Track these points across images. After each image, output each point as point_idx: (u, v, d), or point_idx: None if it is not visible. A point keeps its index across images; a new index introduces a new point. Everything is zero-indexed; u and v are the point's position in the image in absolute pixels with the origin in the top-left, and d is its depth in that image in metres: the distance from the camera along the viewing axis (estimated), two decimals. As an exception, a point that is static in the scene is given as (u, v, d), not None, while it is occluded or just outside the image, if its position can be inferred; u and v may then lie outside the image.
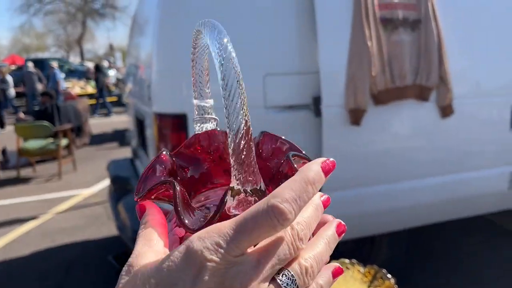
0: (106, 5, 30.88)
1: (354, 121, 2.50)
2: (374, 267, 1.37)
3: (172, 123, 2.38)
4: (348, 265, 1.38)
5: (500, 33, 2.88)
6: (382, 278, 1.32)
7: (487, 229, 3.95)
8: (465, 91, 2.76)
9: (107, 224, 4.36)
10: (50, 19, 31.59)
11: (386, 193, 2.73)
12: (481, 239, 3.83)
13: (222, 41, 0.35)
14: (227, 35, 0.35)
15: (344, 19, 2.49)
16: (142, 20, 3.18)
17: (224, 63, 0.35)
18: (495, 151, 2.97)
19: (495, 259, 3.48)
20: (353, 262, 1.40)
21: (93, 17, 31.60)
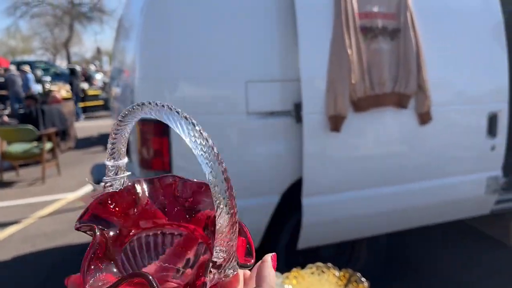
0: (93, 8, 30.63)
1: (334, 128, 2.52)
2: (349, 271, 1.39)
3: (154, 128, 2.38)
4: (323, 268, 1.40)
5: (477, 43, 2.92)
6: (356, 282, 1.34)
7: (466, 234, 4.01)
8: (443, 99, 2.80)
9: (91, 228, 4.32)
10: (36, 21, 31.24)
11: (365, 199, 2.75)
12: (460, 244, 3.88)
13: (204, 138, 0.33)
14: (199, 125, 0.33)
15: (325, 27, 2.52)
16: (128, 24, 3.17)
17: (213, 164, 0.33)
18: (473, 158, 3.01)
19: (475, 264, 3.52)
20: (329, 265, 1.42)
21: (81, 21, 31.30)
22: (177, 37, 2.41)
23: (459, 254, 3.71)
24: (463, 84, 2.91)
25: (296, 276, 1.37)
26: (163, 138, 2.38)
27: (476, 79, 2.94)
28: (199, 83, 2.47)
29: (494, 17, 2.96)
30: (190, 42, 2.41)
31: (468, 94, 2.93)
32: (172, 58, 2.41)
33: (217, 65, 2.44)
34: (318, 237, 2.73)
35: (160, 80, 2.43)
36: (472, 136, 2.97)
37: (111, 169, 0.42)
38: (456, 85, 2.88)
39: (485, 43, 2.94)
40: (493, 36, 2.96)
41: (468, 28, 2.90)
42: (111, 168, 0.42)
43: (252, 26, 2.50)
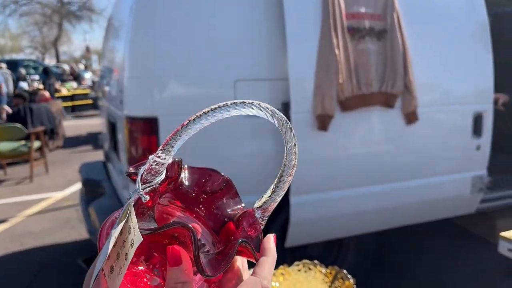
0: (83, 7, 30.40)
1: (322, 127, 2.54)
2: (335, 268, 1.39)
3: (143, 126, 2.38)
4: (310, 265, 1.40)
5: (462, 44, 2.96)
6: (342, 279, 1.35)
7: (452, 233, 4.04)
8: (429, 99, 2.83)
9: (78, 227, 4.30)
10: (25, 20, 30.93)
11: (352, 197, 2.77)
12: (447, 243, 3.92)
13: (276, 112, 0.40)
14: None
15: (313, 27, 2.54)
16: (117, 23, 3.16)
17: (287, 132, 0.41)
18: (458, 157, 3.04)
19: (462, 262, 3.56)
20: (316, 263, 1.42)
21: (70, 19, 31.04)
22: (166, 37, 2.41)
23: (445, 252, 3.75)
24: (449, 85, 2.94)
25: (283, 273, 1.38)
26: (152, 136, 2.38)
27: (462, 80, 2.97)
28: (188, 82, 2.47)
29: (479, 19, 2.99)
30: (179, 42, 2.42)
31: (454, 95, 2.96)
32: (161, 57, 2.41)
33: (206, 65, 2.44)
34: (306, 235, 2.75)
35: (149, 79, 2.43)
36: (458, 136, 3.01)
37: (162, 163, 0.39)
38: (442, 85, 2.92)
39: (470, 44, 2.98)
40: (478, 38, 2.99)
41: (454, 29, 2.93)
42: (162, 162, 0.39)
43: (241, 25, 2.51)
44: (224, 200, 0.44)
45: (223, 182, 0.45)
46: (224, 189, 0.45)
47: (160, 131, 2.36)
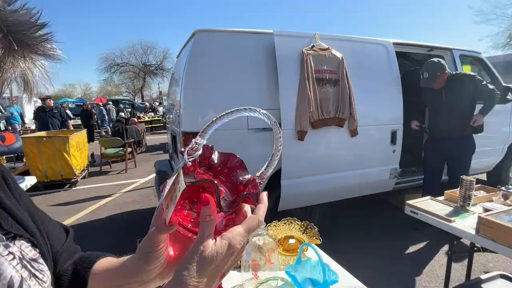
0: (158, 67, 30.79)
1: (300, 138, 2.53)
2: (306, 222, 1.38)
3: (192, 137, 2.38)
4: (291, 220, 1.39)
5: (384, 88, 2.95)
6: (310, 228, 1.33)
7: (379, 203, 4.02)
8: (365, 122, 2.80)
9: (154, 199, 4.32)
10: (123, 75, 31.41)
11: (319, 180, 2.75)
12: (375, 209, 3.90)
13: (265, 114, 0.42)
14: None
15: (294, 79, 2.53)
16: (177, 77, 3.18)
17: (275, 128, 0.43)
18: (382, 157, 3.01)
19: (382, 221, 3.53)
20: (295, 219, 1.41)
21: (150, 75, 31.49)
22: (204, 85, 2.40)
23: (374, 215, 3.72)
24: (376, 113, 2.92)
25: (275, 225, 1.36)
26: (197, 142, 2.38)
27: (384, 110, 2.96)
28: (217, 111, 2.44)
29: (394, 74, 3.00)
30: (212, 89, 2.41)
31: (379, 119, 2.94)
32: (202, 97, 2.41)
33: (229, 101, 2.41)
34: (290, 204, 2.72)
35: (195, 110, 2.42)
36: (382, 144, 2.98)
37: (199, 143, 0.42)
38: (372, 113, 2.89)
39: (389, 89, 2.97)
40: (394, 86, 2.99)
41: (379, 80, 2.92)
42: (199, 142, 0.42)
43: (251, 77, 2.51)
44: (238, 172, 0.45)
45: (237, 162, 0.45)
46: (238, 165, 0.45)
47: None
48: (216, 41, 2.46)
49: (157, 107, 18.26)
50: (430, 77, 2.88)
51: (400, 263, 2.62)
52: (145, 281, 0.46)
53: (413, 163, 3.81)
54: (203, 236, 0.37)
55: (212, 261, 0.37)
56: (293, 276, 0.95)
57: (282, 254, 1.15)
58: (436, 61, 2.90)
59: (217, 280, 0.39)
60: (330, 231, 3.10)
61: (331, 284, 0.93)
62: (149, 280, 0.46)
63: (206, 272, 0.37)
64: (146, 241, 0.43)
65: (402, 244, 2.95)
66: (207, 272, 0.37)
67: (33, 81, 0.36)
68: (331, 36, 2.79)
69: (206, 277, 0.37)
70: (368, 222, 3.50)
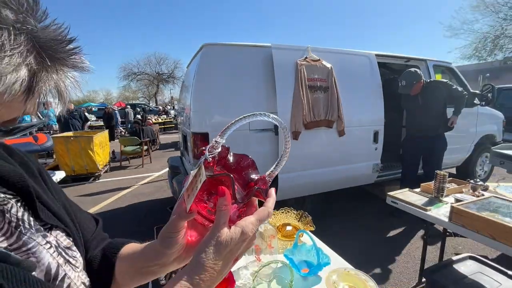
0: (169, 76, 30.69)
1: (295, 138, 2.52)
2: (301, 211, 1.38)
3: (200, 137, 2.36)
4: (288, 210, 1.38)
5: (367, 94, 2.93)
6: (305, 217, 1.32)
7: (363, 194, 4.01)
8: (351, 123, 2.79)
9: (167, 191, 4.30)
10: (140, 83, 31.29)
11: (311, 174, 2.74)
12: (359, 199, 3.89)
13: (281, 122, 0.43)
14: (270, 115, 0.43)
15: (290, 86, 2.52)
16: (187, 83, 3.16)
17: (285, 132, 0.44)
18: (366, 154, 3.00)
19: (365, 209, 3.52)
20: (291, 208, 1.40)
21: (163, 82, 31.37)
22: (212, 91, 2.38)
23: (358, 205, 3.71)
24: (361, 115, 2.90)
25: (274, 214, 1.35)
26: (205, 142, 2.36)
27: (367, 114, 2.94)
28: (223, 114, 2.43)
29: (376, 81, 2.98)
30: (218, 94, 2.39)
31: (363, 121, 2.92)
32: (209, 102, 2.39)
33: (233, 106, 2.41)
34: (286, 194, 2.71)
35: (203, 113, 2.40)
36: (365, 142, 2.97)
37: (219, 142, 0.41)
38: (357, 116, 2.87)
39: (372, 95, 2.95)
40: (375, 92, 2.97)
41: (363, 86, 2.90)
42: (219, 141, 0.41)
43: (252, 84, 2.48)
44: (249, 171, 0.44)
45: (250, 162, 0.44)
46: (249, 165, 0.44)
47: (210, 140, 2.36)
48: (221, 53, 2.44)
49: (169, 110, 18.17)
50: (407, 85, 2.89)
51: (381, 246, 2.61)
52: (165, 264, 0.46)
53: (392, 159, 3.80)
54: (219, 223, 0.38)
55: (227, 246, 0.37)
56: (291, 259, 0.95)
57: (281, 239, 1.14)
58: (413, 71, 2.89)
59: (231, 264, 0.39)
60: (320, 219, 3.09)
61: (324, 266, 0.92)
62: (168, 264, 0.46)
63: (221, 255, 0.37)
64: (167, 227, 0.43)
65: (382, 230, 2.94)
66: (222, 255, 0.37)
67: (66, 91, 0.35)
68: (321, 49, 2.77)
69: (221, 260, 0.37)
70: (352, 210, 3.49)
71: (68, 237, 0.46)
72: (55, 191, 0.50)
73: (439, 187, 1.75)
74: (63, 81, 0.34)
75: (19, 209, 0.40)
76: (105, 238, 0.58)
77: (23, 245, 0.38)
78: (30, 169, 0.47)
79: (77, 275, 0.44)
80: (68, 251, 0.44)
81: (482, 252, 2.35)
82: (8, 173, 0.41)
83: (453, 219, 1.44)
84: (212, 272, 0.36)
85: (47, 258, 0.40)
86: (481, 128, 3.92)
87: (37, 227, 0.41)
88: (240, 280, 0.88)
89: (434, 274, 1.50)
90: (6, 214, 0.38)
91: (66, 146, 4.95)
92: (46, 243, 0.41)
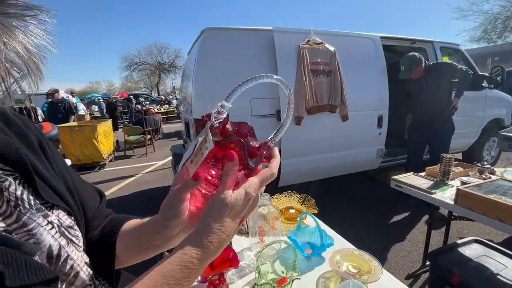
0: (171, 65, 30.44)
1: (297, 123, 2.49)
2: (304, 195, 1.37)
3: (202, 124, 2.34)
4: (291, 194, 1.38)
5: (372, 78, 2.86)
6: (308, 200, 1.31)
7: (366, 179, 4.00)
8: (354, 107, 2.74)
9: (170, 179, 4.33)
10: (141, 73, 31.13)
11: (314, 160, 2.71)
12: (363, 184, 3.88)
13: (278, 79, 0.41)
14: None
15: (292, 69, 2.47)
16: (188, 72, 3.11)
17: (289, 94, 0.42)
18: (369, 139, 2.96)
19: (370, 193, 3.51)
20: (294, 192, 1.40)
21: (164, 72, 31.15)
22: (212, 78, 2.34)
23: (363, 190, 3.70)
24: (365, 100, 2.84)
25: (277, 197, 1.35)
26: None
27: (371, 98, 2.88)
28: None
29: (381, 65, 2.90)
30: (220, 80, 2.35)
31: (367, 105, 2.87)
32: (210, 88, 2.34)
33: None
34: (289, 179, 2.71)
35: (204, 100, 2.37)
36: (369, 127, 2.93)
37: (225, 106, 0.39)
38: (361, 100, 2.81)
39: (376, 79, 2.88)
40: (380, 75, 2.90)
41: (367, 70, 2.83)
42: (225, 105, 0.39)
43: (254, 69, 2.42)
44: (248, 138, 0.42)
45: (249, 128, 0.43)
46: (249, 132, 0.42)
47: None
48: (222, 37, 2.39)
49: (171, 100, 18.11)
50: (405, 70, 2.82)
51: (384, 231, 2.62)
52: (169, 238, 0.45)
53: (396, 144, 3.76)
54: (224, 187, 0.38)
55: (232, 207, 0.37)
56: (294, 240, 0.94)
57: (284, 222, 1.13)
58: (411, 56, 2.80)
59: (237, 225, 0.39)
60: (323, 204, 3.10)
61: (327, 246, 0.91)
62: (173, 236, 0.45)
63: (228, 217, 0.37)
64: (169, 198, 0.42)
65: (386, 215, 2.94)
66: (228, 217, 0.37)
67: (35, 54, 0.30)
68: (324, 32, 2.69)
69: (227, 221, 0.37)
70: (356, 196, 3.49)
71: (70, 217, 0.44)
72: (56, 165, 0.47)
73: (445, 170, 1.72)
74: (17, 40, 0.29)
75: (18, 187, 0.38)
76: (108, 215, 0.57)
77: (23, 225, 0.36)
78: (29, 141, 0.44)
79: (80, 255, 0.43)
80: (70, 230, 0.43)
81: (488, 237, 2.34)
82: (2, 148, 0.37)
83: (458, 201, 1.41)
84: (220, 234, 0.36)
85: (48, 239, 0.38)
86: (489, 112, 3.83)
87: (38, 206, 0.39)
88: (244, 260, 0.88)
89: (439, 257, 1.50)
90: (4, 193, 0.36)
91: (71, 135, 4.97)
92: (48, 224, 0.39)
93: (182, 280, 0.34)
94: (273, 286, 0.71)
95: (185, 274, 0.34)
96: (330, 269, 0.80)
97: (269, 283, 0.72)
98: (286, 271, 0.77)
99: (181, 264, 0.34)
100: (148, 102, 16.08)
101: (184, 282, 0.34)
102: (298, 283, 0.75)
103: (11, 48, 0.29)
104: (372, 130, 2.93)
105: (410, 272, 1.96)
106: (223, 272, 0.72)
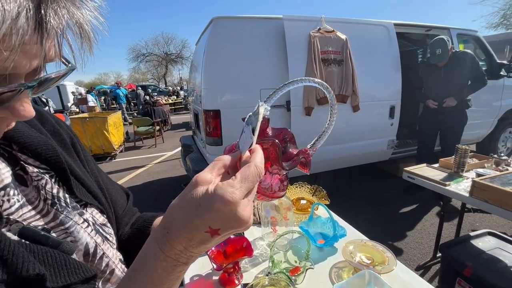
0: (178, 56, 30.37)
1: (307, 114, 2.46)
2: (315, 185, 1.37)
3: (212, 114, 2.35)
4: (302, 184, 1.38)
5: (384, 68, 2.79)
6: (319, 191, 1.31)
7: (376, 170, 3.96)
8: (366, 98, 2.68)
9: (180, 169, 4.38)
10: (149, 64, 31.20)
11: (324, 151, 2.69)
12: (373, 175, 3.84)
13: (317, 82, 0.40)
14: None
15: (302, 59, 2.42)
16: (196, 63, 3.09)
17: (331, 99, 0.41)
18: (381, 130, 2.91)
19: (380, 185, 3.48)
20: (305, 183, 1.40)
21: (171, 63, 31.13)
22: (222, 68, 2.32)
23: (374, 181, 3.67)
24: (376, 90, 2.78)
25: (288, 188, 1.35)
26: (217, 120, 2.34)
27: (384, 88, 2.81)
28: (235, 91, 2.38)
29: (394, 54, 2.82)
30: (229, 71, 2.33)
31: (379, 95, 2.81)
32: (220, 79, 2.33)
33: (244, 82, 2.35)
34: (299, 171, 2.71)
35: (214, 90, 2.36)
36: (381, 118, 2.87)
37: (267, 109, 0.37)
38: (373, 90, 2.76)
39: (389, 68, 2.81)
40: (393, 65, 2.82)
41: (380, 60, 2.76)
42: (267, 108, 0.37)
43: (263, 58, 2.40)
44: (288, 144, 0.43)
45: (290, 135, 0.43)
46: (289, 138, 0.43)
47: (222, 117, 2.33)
48: (232, 26, 2.35)
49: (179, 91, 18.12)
50: (442, 53, 2.58)
51: (395, 223, 2.60)
52: None
53: (408, 135, 3.69)
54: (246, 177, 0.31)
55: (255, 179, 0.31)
56: (307, 231, 0.94)
57: (296, 212, 1.13)
58: (445, 38, 2.63)
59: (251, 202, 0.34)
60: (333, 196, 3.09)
61: (340, 237, 0.91)
62: None
63: None
64: None
65: (397, 206, 2.92)
66: None
67: (88, 24, 0.26)
68: (336, 19, 2.62)
69: None
70: (366, 187, 3.46)
71: (103, 214, 0.44)
72: (88, 164, 0.47)
73: (460, 162, 1.68)
74: (80, 11, 0.26)
75: (54, 185, 0.38)
76: (135, 213, 0.58)
77: (60, 224, 0.36)
78: (62, 139, 0.44)
79: (114, 252, 0.43)
80: (104, 228, 0.43)
81: (501, 229, 2.30)
82: (40, 146, 0.37)
83: (474, 193, 1.39)
84: None
85: (85, 237, 0.38)
86: (507, 102, 3.70)
87: (73, 204, 0.39)
88: (257, 250, 0.89)
89: (451, 249, 1.48)
90: (41, 191, 0.36)
91: (82, 126, 5.07)
92: (83, 222, 0.39)
93: None
94: (286, 275, 0.72)
95: None
96: (343, 259, 0.81)
97: (282, 271, 0.73)
98: (299, 261, 0.78)
99: None
100: (156, 93, 16.10)
101: None
102: (311, 272, 0.76)
103: (77, 17, 0.25)
104: (383, 121, 2.88)
105: (421, 264, 1.96)
106: (237, 261, 0.73)
